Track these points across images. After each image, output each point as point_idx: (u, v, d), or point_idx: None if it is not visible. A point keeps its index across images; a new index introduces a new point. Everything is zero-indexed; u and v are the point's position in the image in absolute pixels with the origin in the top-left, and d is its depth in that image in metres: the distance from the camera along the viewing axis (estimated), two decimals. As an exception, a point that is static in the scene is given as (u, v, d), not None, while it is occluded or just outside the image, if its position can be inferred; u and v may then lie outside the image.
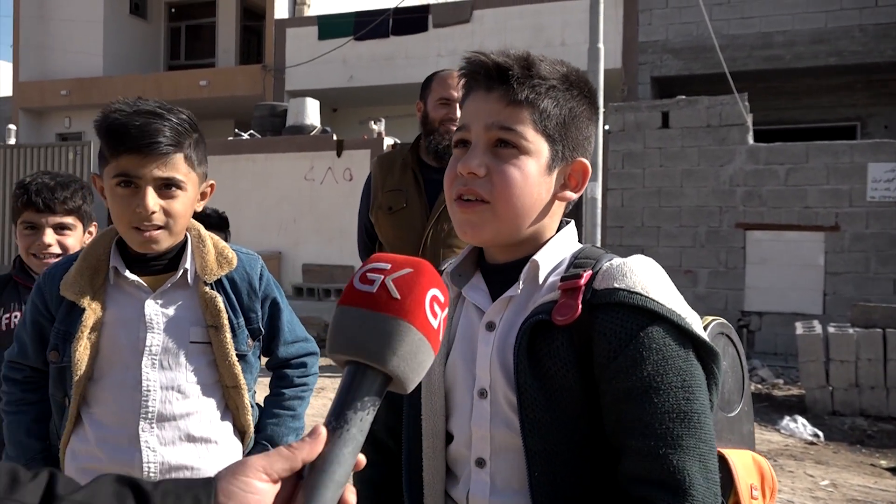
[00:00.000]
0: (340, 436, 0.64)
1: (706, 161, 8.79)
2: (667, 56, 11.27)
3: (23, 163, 12.77)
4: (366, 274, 0.69)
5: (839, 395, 6.16)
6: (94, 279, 1.47)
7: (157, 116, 1.39)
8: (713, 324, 1.14)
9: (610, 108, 9.06)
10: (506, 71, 0.98)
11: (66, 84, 14.95)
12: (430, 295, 0.69)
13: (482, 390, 1.00)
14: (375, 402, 0.67)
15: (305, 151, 10.60)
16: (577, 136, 1.02)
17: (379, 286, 0.68)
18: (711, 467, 0.89)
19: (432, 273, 0.71)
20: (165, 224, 1.42)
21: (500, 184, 0.97)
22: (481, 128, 0.98)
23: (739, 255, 8.68)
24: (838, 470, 4.81)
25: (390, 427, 1.14)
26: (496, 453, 0.99)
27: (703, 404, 0.90)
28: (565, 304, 0.94)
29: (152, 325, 1.45)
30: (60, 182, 1.99)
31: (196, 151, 1.46)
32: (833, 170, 8.36)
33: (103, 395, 1.46)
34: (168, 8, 16.57)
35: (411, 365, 0.67)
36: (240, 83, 14.07)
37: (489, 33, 12.14)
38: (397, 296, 0.67)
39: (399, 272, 0.69)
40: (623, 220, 9.16)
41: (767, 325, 8.57)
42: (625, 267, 0.95)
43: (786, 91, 11.80)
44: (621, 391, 0.91)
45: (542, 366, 0.94)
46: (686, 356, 0.91)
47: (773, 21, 10.84)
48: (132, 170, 1.38)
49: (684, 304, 0.96)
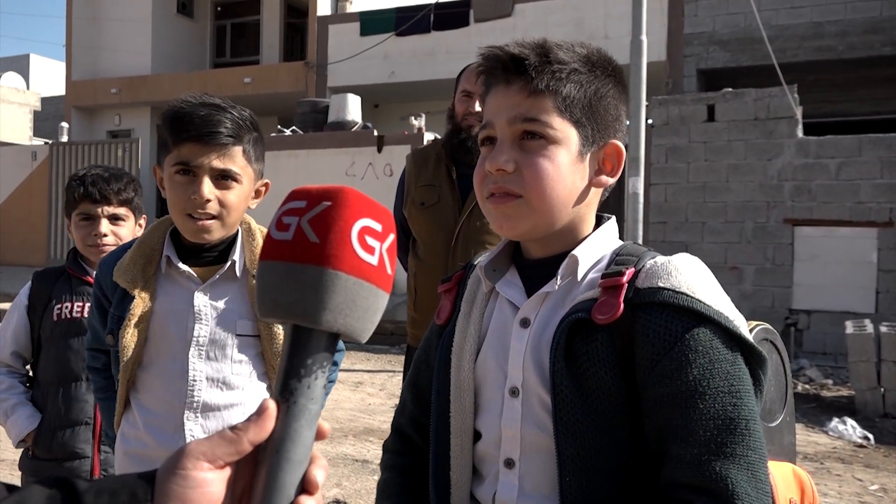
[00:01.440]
0: (288, 409, 0.57)
1: (753, 155, 8.59)
2: (713, 48, 11.03)
3: (75, 159, 13.18)
4: (281, 218, 0.59)
5: (891, 397, 5.96)
6: (147, 268, 1.51)
7: (220, 109, 1.44)
8: (757, 329, 1.10)
9: (653, 102, 8.91)
10: (522, 61, 0.94)
11: (115, 83, 15.36)
12: (358, 227, 0.58)
13: (514, 389, 0.96)
14: (323, 363, 0.58)
15: (346, 147, 10.69)
16: (606, 117, 0.98)
17: (295, 231, 0.58)
18: (762, 476, 0.84)
19: (358, 200, 0.60)
20: (219, 214, 1.45)
21: (531, 177, 0.93)
22: (505, 122, 0.95)
23: (787, 251, 8.46)
24: (889, 474, 4.66)
25: (416, 421, 1.12)
26: (526, 455, 0.96)
27: (752, 410, 0.86)
28: (606, 302, 0.90)
29: (201, 317, 1.48)
30: (114, 174, 2.05)
31: (254, 148, 1.50)
32: (887, 163, 8.08)
33: (151, 382, 1.50)
34: (214, 7, 16.88)
35: (353, 315, 0.58)
36: (283, 80, 14.26)
37: (530, 27, 12.06)
38: (315, 239, 0.57)
39: (315, 209, 0.59)
40: (666, 216, 9.01)
41: (816, 324, 8.34)
42: (669, 265, 0.91)
43: (837, 83, 11.45)
44: (665, 396, 0.87)
45: (580, 366, 0.90)
46: (734, 360, 0.87)
47: (824, 10, 10.52)
48: (192, 158, 1.42)
49: (731, 305, 0.92)
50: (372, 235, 0.59)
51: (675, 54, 11.22)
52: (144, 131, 15.25)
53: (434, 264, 2.39)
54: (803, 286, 8.41)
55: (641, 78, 7.12)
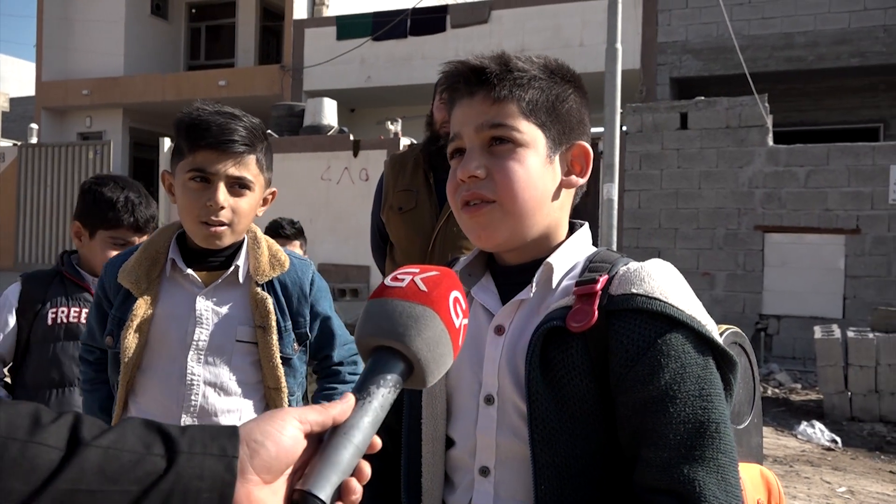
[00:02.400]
0: (363, 406, 0.66)
1: (725, 163, 8.71)
2: (686, 57, 11.18)
3: (44, 161, 12.95)
4: (396, 275, 0.76)
5: (858, 401, 6.08)
6: (151, 270, 1.52)
7: (235, 118, 1.46)
8: (727, 332, 1.12)
9: (628, 109, 9.01)
10: (484, 71, 0.97)
11: (87, 84, 15.13)
12: (454, 296, 0.75)
13: (489, 396, 0.96)
14: (397, 384, 0.69)
15: (322, 151, 10.63)
16: (570, 119, 1.00)
17: (409, 282, 0.74)
18: (731, 479, 0.85)
19: (455, 279, 0.77)
20: (230, 221, 1.47)
21: (503, 181, 0.95)
22: (472, 131, 0.97)
23: (758, 257, 8.60)
24: (856, 476, 4.74)
25: (389, 427, 1.11)
26: (501, 462, 0.96)
27: (722, 414, 0.87)
28: (581, 309, 0.91)
29: (202, 321, 1.49)
30: (145, 198, 2.07)
31: (266, 157, 1.53)
32: (854, 172, 8.25)
33: (150, 385, 1.51)
34: (188, 8, 16.71)
35: (434, 353, 0.71)
36: (258, 83, 14.16)
37: (507, 34, 12.12)
38: (425, 288, 0.73)
39: (426, 273, 0.75)
40: (640, 222, 9.10)
41: (786, 329, 8.47)
42: (642, 271, 0.93)
43: (807, 92, 11.66)
44: (638, 401, 0.88)
45: (555, 374, 0.91)
46: (705, 364, 0.89)
47: (794, 21, 10.71)
48: (208, 165, 1.43)
49: (703, 310, 0.93)
50: (459, 306, 0.75)
51: (648, 62, 11.35)
52: (116, 133, 15.03)
53: None
54: (773, 292, 8.54)
55: (616, 85, 7.19)
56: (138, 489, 0.56)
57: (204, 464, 0.58)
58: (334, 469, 0.62)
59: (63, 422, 0.58)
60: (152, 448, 0.58)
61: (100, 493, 0.56)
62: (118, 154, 14.07)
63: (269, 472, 0.60)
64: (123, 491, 0.56)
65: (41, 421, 0.58)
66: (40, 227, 12.99)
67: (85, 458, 0.56)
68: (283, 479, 0.62)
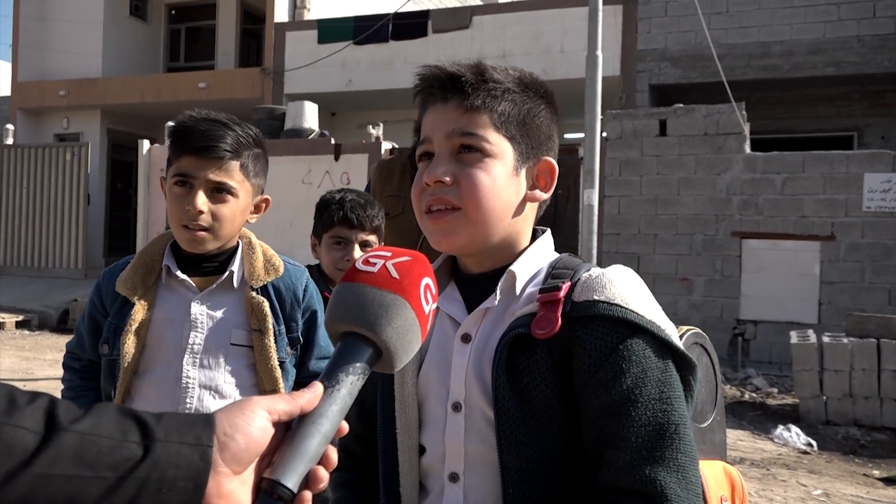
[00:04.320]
0: (331, 394, 0.67)
1: (703, 169, 8.81)
2: (665, 64, 11.30)
3: (20, 162, 12.76)
4: (368, 258, 0.75)
5: (833, 405, 6.16)
6: (147, 277, 1.55)
7: (222, 125, 1.48)
8: (688, 333, 1.15)
9: (608, 116, 9.08)
10: (459, 79, 0.98)
11: (64, 84, 14.94)
12: (424, 282, 0.74)
13: (456, 404, 0.98)
14: (365, 371, 0.70)
15: (303, 155, 10.60)
16: (539, 135, 1.02)
17: (380, 267, 0.73)
18: (692, 478, 0.88)
19: (427, 265, 0.76)
20: (210, 227, 1.48)
21: (468, 188, 0.96)
22: (443, 136, 0.98)
23: (735, 263, 8.69)
24: (831, 480, 4.81)
25: (361, 437, 1.12)
26: (470, 468, 0.98)
27: (682, 415, 0.90)
28: (545, 317, 0.92)
29: (197, 325, 1.52)
30: (368, 201, 2.19)
31: (254, 163, 1.53)
32: (829, 179, 8.38)
33: (146, 390, 1.53)
34: (168, 10, 16.57)
35: (402, 341, 0.71)
36: (239, 86, 14.08)
37: (488, 39, 12.17)
38: (396, 275, 0.72)
39: (399, 258, 0.75)
40: (620, 228, 9.17)
41: (762, 334, 8.57)
42: (604, 278, 0.95)
43: (783, 101, 11.83)
44: (601, 405, 0.90)
45: (521, 381, 0.93)
46: (665, 367, 0.91)
47: (771, 31, 10.88)
48: (190, 170, 1.46)
49: (663, 314, 0.96)
50: (430, 293, 0.75)
51: (628, 70, 11.45)
52: (94, 135, 14.84)
53: None
54: (750, 297, 8.64)
55: (596, 92, 7.24)
56: (114, 476, 0.56)
57: (180, 452, 0.59)
58: (301, 458, 0.63)
59: (39, 404, 0.58)
60: (129, 435, 0.58)
61: (76, 478, 0.55)
62: (96, 156, 13.90)
63: (239, 464, 0.61)
64: (100, 477, 0.56)
65: (17, 402, 0.57)
66: (16, 229, 12.80)
67: (62, 442, 0.56)
68: (251, 469, 0.63)
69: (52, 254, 12.61)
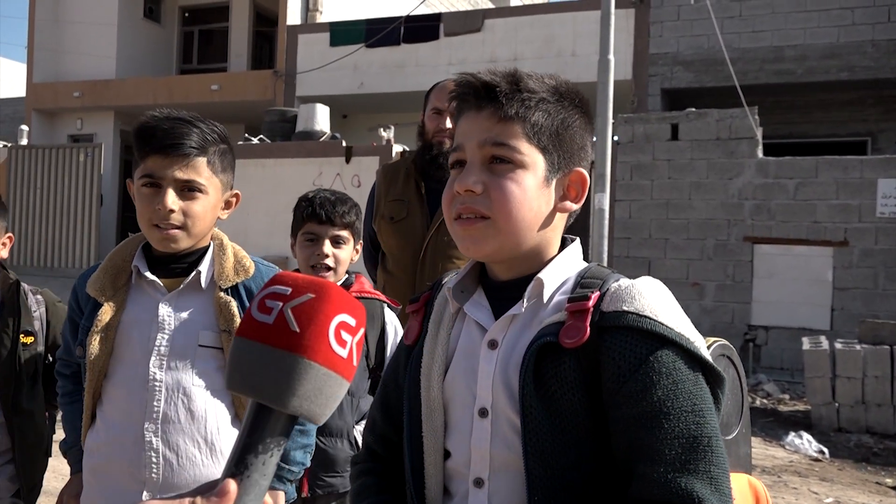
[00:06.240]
0: (241, 483, 0.61)
1: (715, 174, 8.77)
2: (677, 68, 11.26)
3: (34, 162, 12.88)
4: (264, 301, 0.64)
5: (845, 412, 6.11)
6: (118, 278, 1.54)
7: (185, 123, 1.46)
8: (715, 345, 1.14)
9: (619, 120, 9.06)
10: (494, 88, 0.98)
11: (78, 86, 15.06)
12: (336, 322, 0.63)
13: (483, 409, 0.98)
14: (280, 442, 0.63)
15: (314, 157, 10.63)
16: (572, 146, 1.02)
17: (277, 316, 0.62)
18: (725, 490, 0.88)
19: (338, 296, 0.64)
20: (183, 224, 1.47)
21: (498, 199, 0.96)
22: (475, 145, 0.98)
23: (747, 268, 8.64)
24: (843, 487, 4.77)
25: (386, 438, 1.13)
26: (495, 474, 0.98)
27: (714, 427, 0.90)
28: (573, 325, 0.92)
29: (164, 326, 1.49)
30: (339, 198, 2.13)
31: (221, 159, 1.52)
32: (843, 185, 8.32)
33: (115, 393, 1.51)
34: (182, 12, 16.68)
35: (316, 402, 0.63)
36: (251, 88, 14.14)
37: (500, 43, 12.17)
38: (296, 328, 0.62)
39: (299, 299, 0.63)
40: (630, 232, 9.14)
41: (774, 340, 8.52)
42: (633, 289, 0.95)
43: (796, 105, 11.76)
44: (632, 416, 0.90)
45: (548, 389, 0.93)
46: (696, 380, 0.91)
47: (784, 35, 10.82)
48: (156, 171, 1.45)
49: (691, 326, 0.95)
50: (346, 330, 0.64)
51: (640, 74, 11.42)
52: (108, 136, 14.95)
53: (402, 277, 2.40)
54: (762, 303, 8.59)
55: (608, 96, 7.23)
56: None
57: None
58: None
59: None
60: None
61: None
62: (109, 157, 14.00)
63: None
64: None
65: None
66: (30, 229, 12.90)
67: None
68: None
69: (66, 254, 12.70)
